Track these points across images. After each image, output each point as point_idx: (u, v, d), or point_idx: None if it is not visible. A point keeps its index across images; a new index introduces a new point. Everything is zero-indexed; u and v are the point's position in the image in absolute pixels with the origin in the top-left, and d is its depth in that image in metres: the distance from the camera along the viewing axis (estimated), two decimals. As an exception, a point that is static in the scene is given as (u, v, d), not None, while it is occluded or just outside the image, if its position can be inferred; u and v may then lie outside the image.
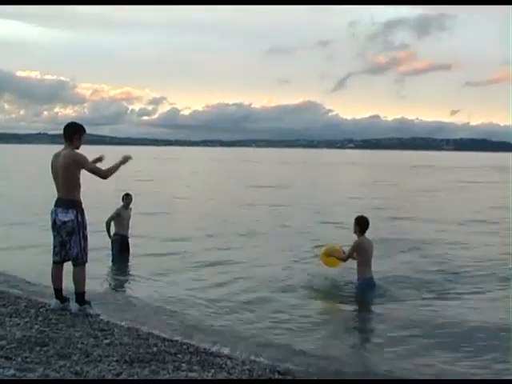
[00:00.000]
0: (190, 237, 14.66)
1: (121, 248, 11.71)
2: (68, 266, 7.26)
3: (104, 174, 7.19)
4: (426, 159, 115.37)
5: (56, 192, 7.18)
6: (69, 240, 7.03)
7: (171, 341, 6.41)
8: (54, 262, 7.29)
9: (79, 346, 5.72)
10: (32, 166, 55.85)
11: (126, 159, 7.44)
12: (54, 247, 7.22)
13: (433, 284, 9.81)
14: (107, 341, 6.05)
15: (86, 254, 7.16)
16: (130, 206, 11.85)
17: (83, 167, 7.01)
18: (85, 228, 7.10)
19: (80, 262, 7.11)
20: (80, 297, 7.22)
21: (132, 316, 7.80)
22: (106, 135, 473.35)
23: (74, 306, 7.26)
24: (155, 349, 5.92)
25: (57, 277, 7.29)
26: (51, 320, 6.72)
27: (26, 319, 6.67)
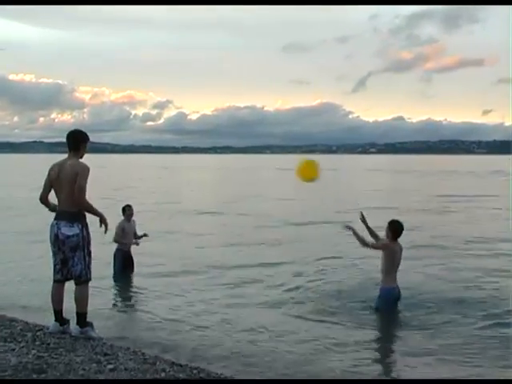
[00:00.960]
0: (203, 255, 14.54)
1: (124, 263, 11.73)
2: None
3: (82, 201, 6.93)
4: (455, 163, 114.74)
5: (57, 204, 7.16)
6: (72, 256, 6.99)
7: (180, 365, 6.38)
8: (54, 281, 7.24)
9: (80, 372, 5.71)
10: (27, 177, 56.22)
11: (103, 222, 7.29)
12: (55, 265, 7.16)
13: (468, 305, 9.48)
14: (111, 366, 6.02)
15: (90, 272, 7.13)
16: (133, 218, 11.90)
17: (77, 179, 6.88)
18: (89, 243, 7.08)
19: (84, 279, 7.07)
20: (82, 318, 7.18)
21: (137, 338, 7.77)
22: (107, 143, 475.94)
23: (74, 328, 7.23)
24: (163, 374, 5.89)
25: (58, 297, 7.24)
26: (49, 344, 6.71)
27: (22, 344, 6.67)
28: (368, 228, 9.38)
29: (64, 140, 7.21)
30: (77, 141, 7.22)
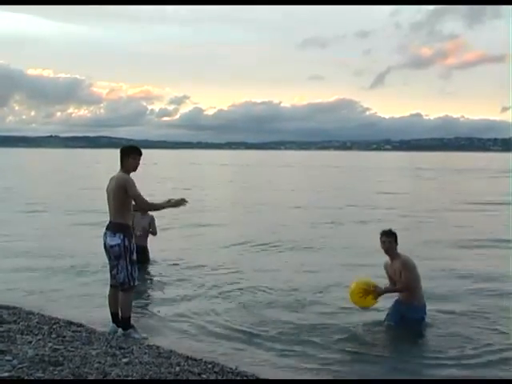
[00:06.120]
0: (222, 251, 14.57)
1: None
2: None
3: (144, 206, 7.52)
4: (470, 161, 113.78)
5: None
6: (116, 264, 7.31)
7: (195, 359, 6.42)
8: (110, 286, 7.56)
9: (96, 365, 5.75)
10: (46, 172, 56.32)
11: (178, 204, 7.49)
12: (110, 271, 7.49)
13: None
14: (126, 359, 6.07)
15: (134, 279, 7.40)
16: (151, 213, 11.90)
17: (127, 191, 7.20)
18: (132, 252, 7.35)
19: (127, 287, 7.36)
20: (126, 322, 7.47)
21: (152, 332, 7.83)
22: (122, 137, 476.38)
23: (119, 330, 7.50)
24: (178, 368, 5.93)
25: (112, 301, 7.55)
26: (65, 337, 6.78)
27: (39, 336, 6.73)
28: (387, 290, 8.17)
29: (80, 135, 7.40)
30: (121, 155, 7.49)
